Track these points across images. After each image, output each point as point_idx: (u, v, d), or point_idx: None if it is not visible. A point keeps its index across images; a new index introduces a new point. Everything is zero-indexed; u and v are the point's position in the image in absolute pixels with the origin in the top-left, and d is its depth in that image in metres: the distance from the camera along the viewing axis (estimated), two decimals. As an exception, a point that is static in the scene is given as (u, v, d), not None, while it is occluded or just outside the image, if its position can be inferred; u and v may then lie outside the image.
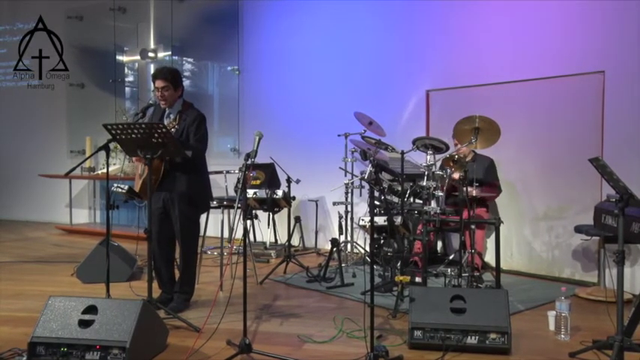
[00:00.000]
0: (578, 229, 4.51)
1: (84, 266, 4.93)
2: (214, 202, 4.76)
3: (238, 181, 5.27)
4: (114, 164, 7.64)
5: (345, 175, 5.75)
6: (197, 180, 3.93)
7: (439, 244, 5.74)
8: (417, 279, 4.35)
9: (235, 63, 7.53)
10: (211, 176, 6.50)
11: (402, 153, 4.62)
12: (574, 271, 4.98)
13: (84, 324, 2.92)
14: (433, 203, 4.33)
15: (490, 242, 5.29)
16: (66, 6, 8.76)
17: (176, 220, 3.90)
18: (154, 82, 3.90)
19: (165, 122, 3.88)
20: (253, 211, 5.56)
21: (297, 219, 6.46)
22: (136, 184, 4.04)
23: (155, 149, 3.49)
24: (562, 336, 3.39)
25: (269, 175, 6.06)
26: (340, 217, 5.65)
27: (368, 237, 5.15)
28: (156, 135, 3.42)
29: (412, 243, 4.79)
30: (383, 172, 5.12)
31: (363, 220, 4.01)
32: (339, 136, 5.85)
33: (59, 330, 2.91)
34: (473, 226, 4.53)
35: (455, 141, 4.75)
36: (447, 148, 4.61)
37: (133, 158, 4.01)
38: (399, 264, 4.48)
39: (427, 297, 3.31)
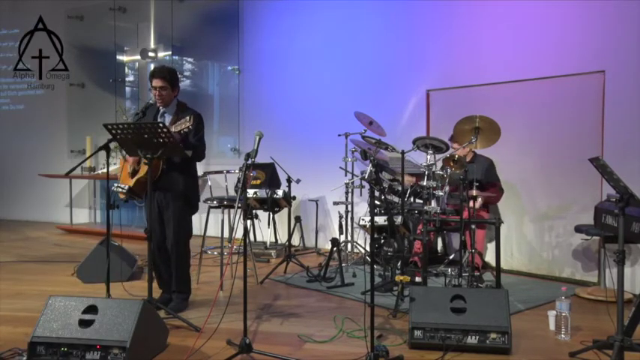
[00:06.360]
0: (579, 229, 4.51)
1: (84, 266, 4.93)
2: (215, 202, 4.77)
3: (239, 181, 5.26)
4: (114, 164, 7.63)
5: (346, 175, 5.75)
6: (191, 180, 3.94)
7: (439, 243, 5.73)
8: (417, 278, 4.35)
9: (236, 63, 7.53)
10: (211, 176, 6.54)
11: (403, 153, 4.62)
12: (574, 270, 4.98)
13: (84, 324, 2.92)
14: (433, 203, 4.33)
15: (490, 242, 5.29)
16: (66, 6, 8.78)
17: (169, 220, 3.88)
18: (150, 81, 3.88)
19: (159, 121, 3.85)
20: (254, 211, 5.56)
21: (298, 219, 6.46)
22: (124, 182, 3.97)
23: (155, 149, 3.49)
24: (562, 336, 3.39)
25: (269, 175, 6.05)
26: (340, 217, 5.65)
27: (368, 237, 5.16)
28: (163, 135, 3.41)
29: (412, 243, 4.79)
30: (383, 172, 5.12)
31: (363, 219, 4.01)
32: (339, 135, 5.85)
33: (59, 330, 2.92)
34: (473, 226, 4.53)
35: (455, 145, 4.74)
36: (447, 147, 4.61)
37: (127, 156, 3.98)
38: (399, 264, 4.48)
39: (427, 297, 3.31)
